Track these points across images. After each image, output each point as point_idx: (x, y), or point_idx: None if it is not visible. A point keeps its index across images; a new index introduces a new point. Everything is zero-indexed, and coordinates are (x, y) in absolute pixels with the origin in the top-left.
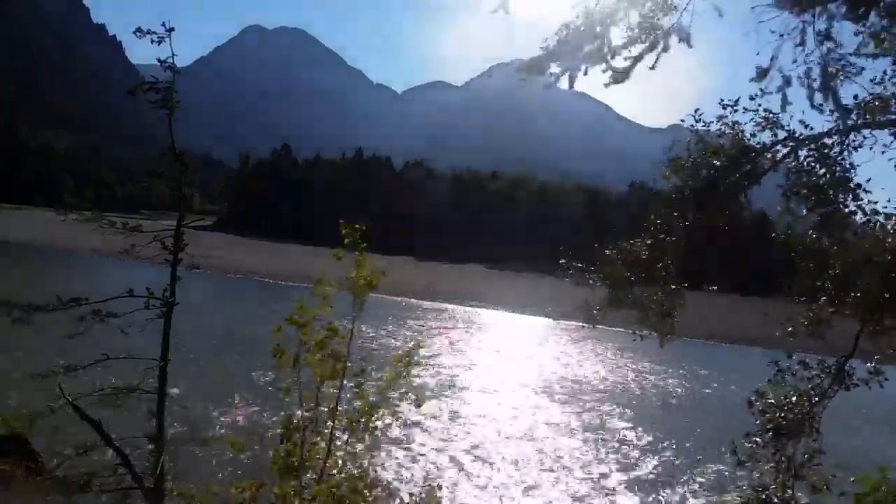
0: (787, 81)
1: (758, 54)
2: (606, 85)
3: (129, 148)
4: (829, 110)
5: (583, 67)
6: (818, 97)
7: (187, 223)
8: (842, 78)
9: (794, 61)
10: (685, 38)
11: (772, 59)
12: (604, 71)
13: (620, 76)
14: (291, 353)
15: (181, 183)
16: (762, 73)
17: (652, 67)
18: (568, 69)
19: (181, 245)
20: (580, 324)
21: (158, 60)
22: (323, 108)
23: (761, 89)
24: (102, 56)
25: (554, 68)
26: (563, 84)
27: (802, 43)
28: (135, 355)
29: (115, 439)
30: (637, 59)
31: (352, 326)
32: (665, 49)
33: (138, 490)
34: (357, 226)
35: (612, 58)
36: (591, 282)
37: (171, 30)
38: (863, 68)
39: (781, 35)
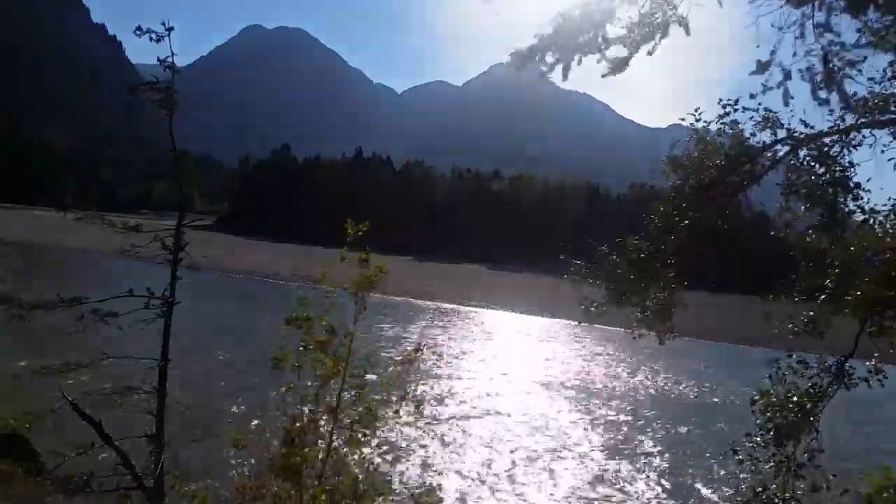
0: (788, 75)
1: (758, 47)
2: (604, 75)
3: (129, 148)
4: (830, 104)
5: (576, 57)
6: (821, 91)
7: (187, 223)
8: (845, 70)
9: (795, 54)
10: (684, 25)
11: (772, 53)
12: (598, 61)
13: (619, 65)
14: (294, 354)
15: (181, 183)
16: (762, 67)
17: (650, 53)
18: (560, 59)
19: (181, 245)
20: (579, 322)
21: (158, 60)
22: (323, 108)
23: (763, 84)
24: (102, 56)
25: (548, 58)
26: (557, 75)
27: (802, 36)
28: (135, 355)
29: (115, 439)
30: (635, 47)
31: (353, 326)
32: (664, 35)
33: (138, 490)
34: (360, 225)
35: (607, 48)
36: (590, 281)
37: (171, 29)
38: (865, 57)
39: (781, 28)
